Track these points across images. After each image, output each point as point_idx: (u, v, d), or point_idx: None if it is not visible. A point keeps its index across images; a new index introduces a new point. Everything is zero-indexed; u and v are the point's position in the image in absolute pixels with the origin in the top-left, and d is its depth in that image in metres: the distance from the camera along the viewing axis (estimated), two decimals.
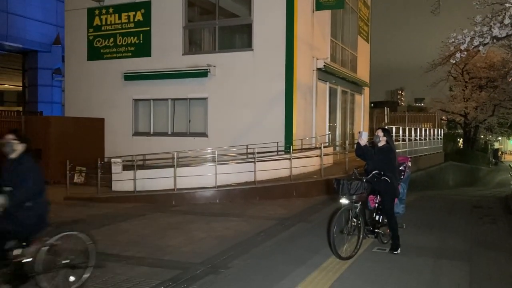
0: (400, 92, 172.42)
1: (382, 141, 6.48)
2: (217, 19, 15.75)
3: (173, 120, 16.38)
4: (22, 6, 21.84)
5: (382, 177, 6.32)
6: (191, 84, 15.65)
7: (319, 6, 15.71)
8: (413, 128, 19.71)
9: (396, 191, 6.43)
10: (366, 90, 22.79)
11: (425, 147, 21.04)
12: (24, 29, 22.03)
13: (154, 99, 16.51)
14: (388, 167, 6.36)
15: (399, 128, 17.95)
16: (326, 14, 16.85)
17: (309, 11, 15.56)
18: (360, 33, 21.57)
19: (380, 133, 6.53)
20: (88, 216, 9.79)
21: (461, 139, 38.48)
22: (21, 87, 24.42)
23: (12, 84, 25.00)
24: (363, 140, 6.47)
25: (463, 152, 33.32)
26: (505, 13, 8.76)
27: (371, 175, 6.36)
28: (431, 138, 22.85)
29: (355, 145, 6.73)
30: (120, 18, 16.86)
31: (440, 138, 25.20)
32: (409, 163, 6.87)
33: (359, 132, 6.64)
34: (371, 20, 23.85)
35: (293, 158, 12.37)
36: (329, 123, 17.50)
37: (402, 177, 6.70)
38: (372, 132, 25.52)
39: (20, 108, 24.17)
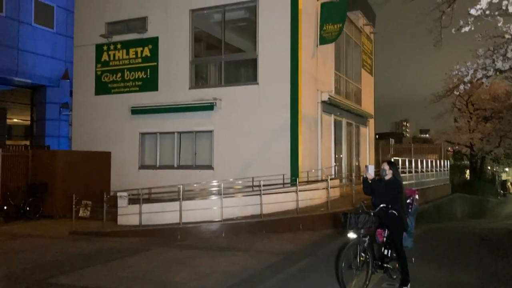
0: (404, 124, 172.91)
1: (388, 174, 6.45)
2: (223, 54, 16.03)
3: (179, 153, 16.45)
4: (32, 42, 22.36)
5: (390, 211, 6.27)
6: (197, 117, 15.79)
7: (322, 41, 15.99)
8: (419, 160, 19.65)
9: (404, 224, 6.36)
10: (371, 122, 22.89)
11: (432, 179, 20.90)
12: (33, 65, 22.48)
13: (160, 133, 16.63)
14: (396, 201, 6.31)
15: (405, 160, 17.90)
16: (330, 48, 17.13)
17: (313, 45, 15.82)
18: (364, 66, 21.84)
19: (386, 166, 6.51)
20: (93, 250, 9.71)
21: (468, 170, 38.21)
22: (29, 121, 24.70)
23: (20, 119, 25.30)
24: (370, 174, 6.46)
25: (470, 183, 33.02)
26: (507, 46, 8.88)
27: (378, 208, 6.30)
28: (438, 169, 22.73)
29: (362, 180, 6.70)
30: (128, 53, 17.20)
31: (447, 170, 25.06)
32: (416, 196, 6.83)
33: (366, 166, 6.63)
34: (375, 53, 24.20)
35: (299, 191, 12.30)
36: (335, 155, 17.50)
37: (409, 210, 6.64)
38: (378, 165, 25.37)
39: (28, 142, 24.38)
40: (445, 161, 26.17)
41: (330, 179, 13.31)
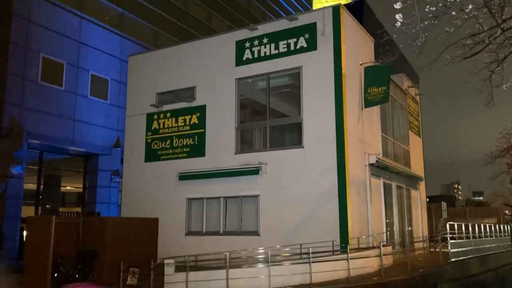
0: (456, 186, 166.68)
1: None
2: (267, 119, 16.26)
3: (225, 218, 16.32)
4: (87, 113, 23.68)
5: None
6: (243, 182, 15.79)
7: (367, 103, 15.96)
8: (476, 225, 18.58)
9: None
10: (422, 184, 22.11)
11: (492, 245, 19.57)
12: (88, 134, 23.65)
13: (207, 198, 16.67)
14: None
15: (461, 224, 16.99)
16: (375, 110, 17.04)
17: (358, 108, 15.79)
18: (411, 128, 21.49)
19: None
20: None
21: None
22: (82, 189, 25.60)
23: (73, 186, 26.28)
24: None
25: None
26: None
27: None
28: (497, 235, 21.33)
29: None
30: (176, 121, 17.80)
31: (508, 235, 23.45)
32: None
33: None
34: (421, 115, 23.84)
35: (350, 258, 11.76)
36: (386, 219, 16.82)
37: None
38: (432, 229, 24.14)
39: (79, 209, 25.10)
40: (505, 225, 24.58)
41: (383, 246, 12.70)
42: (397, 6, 5.79)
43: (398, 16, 5.73)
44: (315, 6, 54.09)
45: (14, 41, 20.60)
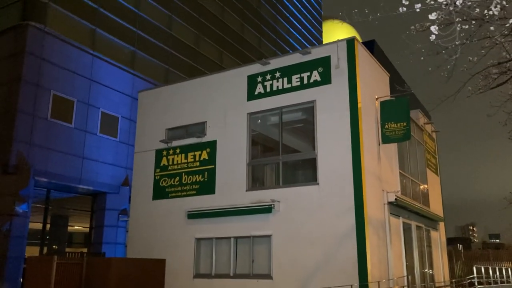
0: (471, 228, 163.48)
1: None
2: (280, 154, 15.65)
3: (236, 260, 15.44)
4: (96, 151, 23.32)
5: None
6: (255, 220, 15.03)
7: (385, 139, 15.33)
8: (504, 268, 17.47)
9: None
10: (441, 225, 21.10)
11: None
12: (96, 172, 23.19)
13: (216, 238, 15.88)
14: None
15: (488, 268, 15.93)
16: (392, 147, 16.39)
17: (375, 144, 15.16)
18: (429, 165, 20.73)
19: None
20: None
21: None
22: (88, 228, 24.91)
23: (81, 226, 25.63)
24: None
25: None
26: None
27: None
28: None
29: None
30: (186, 157, 17.26)
31: None
32: None
33: None
34: (438, 153, 23.12)
35: None
36: (406, 262, 15.81)
37: None
38: (453, 273, 22.80)
39: (86, 249, 24.33)
40: None
41: None
42: (432, 16, 5.30)
43: (433, 28, 5.23)
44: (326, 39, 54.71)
45: (26, 79, 20.58)
